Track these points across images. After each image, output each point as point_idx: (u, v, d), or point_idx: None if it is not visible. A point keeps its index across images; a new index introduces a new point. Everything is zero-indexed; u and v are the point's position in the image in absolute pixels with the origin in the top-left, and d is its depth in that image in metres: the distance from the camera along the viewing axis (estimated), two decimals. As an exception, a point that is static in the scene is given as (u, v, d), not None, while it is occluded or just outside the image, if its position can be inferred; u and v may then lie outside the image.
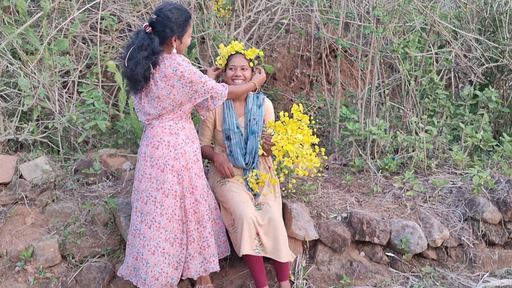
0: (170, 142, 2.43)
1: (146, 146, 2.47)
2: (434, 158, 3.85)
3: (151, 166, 2.43)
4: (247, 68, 2.74)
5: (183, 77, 2.35)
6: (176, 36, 2.38)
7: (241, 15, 4.51)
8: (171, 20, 2.35)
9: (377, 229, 2.99)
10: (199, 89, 2.40)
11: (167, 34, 2.36)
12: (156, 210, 2.43)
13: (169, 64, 2.34)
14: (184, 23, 2.39)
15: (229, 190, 2.68)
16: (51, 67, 3.37)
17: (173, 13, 2.36)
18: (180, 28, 2.38)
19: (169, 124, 2.44)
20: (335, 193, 3.28)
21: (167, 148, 2.42)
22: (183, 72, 2.34)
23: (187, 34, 2.42)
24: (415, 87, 4.00)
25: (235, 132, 2.76)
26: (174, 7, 2.38)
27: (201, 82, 2.39)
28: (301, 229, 2.87)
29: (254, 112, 2.81)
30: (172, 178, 2.43)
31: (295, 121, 2.52)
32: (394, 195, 3.35)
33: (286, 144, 2.43)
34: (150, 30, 2.35)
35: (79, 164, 3.13)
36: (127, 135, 3.52)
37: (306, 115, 2.59)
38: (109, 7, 4.02)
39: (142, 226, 2.44)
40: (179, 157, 2.44)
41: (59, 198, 2.94)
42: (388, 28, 3.68)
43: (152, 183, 2.43)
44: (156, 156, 2.42)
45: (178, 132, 2.45)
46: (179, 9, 2.39)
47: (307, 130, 2.52)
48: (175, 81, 2.35)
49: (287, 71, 5.54)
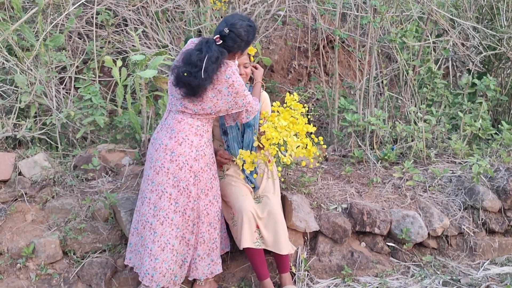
0: (194, 142, 2.44)
1: (170, 139, 2.44)
2: (433, 147, 3.85)
3: (171, 161, 2.43)
4: (248, 65, 2.73)
5: (233, 87, 2.38)
6: (240, 52, 2.44)
7: (238, 7, 4.49)
8: (243, 38, 2.37)
9: (377, 220, 3.00)
10: (239, 102, 2.45)
11: (235, 49, 2.40)
12: (171, 207, 2.43)
13: (224, 69, 2.36)
14: (252, 40, 2.44)
15: (228, 184, 2.68)
16: (47, 63, 3.35)
17: (246, 31, 2.37)
18: (248, 45, 2.45)
19: (197, 124, 2.45)
20: (335, 184, 3.28)
21: (190, 147, 2.43)
22: (234, 82, 2.38)
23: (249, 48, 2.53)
24: (413, 76, 3.99)
25: (231, 127, 2.75)
26: (248, 25, 2.38)
27: (244, 96, 2.44)
28: (302, 221, 2.87)
29: None
30: (189, 178, 2.44)
31: (287, 110, 2.51)
32: (394, 185, 3.35)
33: (271, 131, 2.43)
34: (220, 42, 2.35)
35: (78, 160, 3.12)
36: (125, 130, 3.50)
37: (301, 104, 2.59)
38: (105, 1, 3.99)
39: (154, 220, 2.43)
40: (199, 159, 2.45)
41: (58, 194, 2.93)
42: (386, 18, 3.66)
43: (169, 179, 2.43)
44: (177, 152, 2.42)
45: (203, 134, 2.48)
46: (252, 27, 2.40)
47: (301, 119, 2.51)
48: (224, 88, 2.38)
49: (284, 63, 5.53)
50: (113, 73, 3.48)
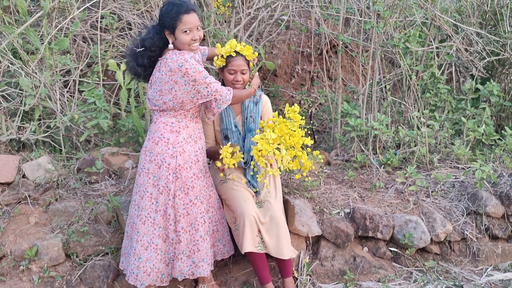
0: (170, 140, 2.43)
1: (148, 141, 2.49)
2: (436, 152, 3.85)
3: (150, 161, 2.45)
4: (246, 71, 2.69)
5: (187, 74, 2.34)
6: (167, 31, 2.38)
7: (241, 12, 4.50)
8: (162, 13, 2.38)
9: (380, 224, 2.99)
10: (202, 90, 2.39)
11: (161, 27, 2.39)
12: (152, 206, 2.45)
13: (176, 59, 2.34)
14: (173, 17, 2.33)
15: (230, 188, 2.68)
16: (52, 67, 3.37)
17: (164, 7, 2.38)
18: (168, 23, 2.35)
19: (171, 121, 2.44)
20: (337, 189, 3.28)
21: (166, 145, 2.43)
22: (188, 70, 2.33)
23: (179, 29, 2.34)
24: (416, 81, 3.99)
25: (233, 131, 2.74)
26: (169, 2, 2.38)
27: (204, 83, 2.38)
28: (304, 225, 2.87)
29: (251, 109, 2.79)
30: (168, 176, 2.43)
31: (284, 121, 2.46)
32: (397, 190, 3.35)
33: (261, 143, 2.39)
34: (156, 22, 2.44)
35: (81, 163, 3.13)
36: (128, 134, 3.52)
37: (300, 115, 2.52)
38: (109, 5, 4.01)
39: (137, 221, 2.46)
40: (177, 155, 2.44)
41: (62, 197, 2.94)
42: (389, 23, 3.67)
43: (149, 178, 2.45)
44: (155, 152, 2.44)
45: (180, 131, 2.45)
46: (171, 3, 2.36)
47: (299, 131, 2.46)
48: (179, 77, 2.34)
49: (287, 68, 5.52)
50: (117, 77, 3.51)
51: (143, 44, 2.40)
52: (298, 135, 2.45)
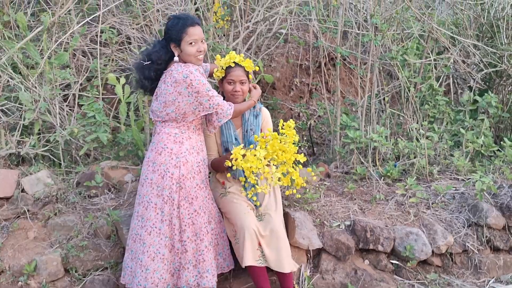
0: (173, 150, 2.45)
1: (151, 151, 2.51)
2: (436, 164, 3.85)
3: (153, 172, 2.45)
4: (245, 82, 2.71)
5: (191, 86, 2.38)
6: (173, 44, 2.44)
7: (240, 25, 4.53)
8: (167, 27, 2.45)
9: (381, 237, 2.98)
10: (204, 102, 2.43)
11: (167, 41, 2.46)
12: (157, 216, 2.45)
13: (181, 70, 2.40)
14: (178, 30, 2.40)
15: (230, 201, 2.67)
16: (51, 81, 3.38)
17: (169, 21, 2.46)
18: (174, 35, 2.42)
19: (174, 132, 2.47)
20: (337, 201, 3.27)
21: (169, 155, 2.44)
22: (192, 81, 2.38)
23: (184, 42, 2.41)
24: (414, 93, 4.01)
25: (233, 144, 2.74)
26: (174, 16, 2.49)
27: (207, 96, 2.42)
28: (305, 238, 2.85)
29: (251, 122, 2.80)
30: (171, 186, 2.44)
31: (276, 137, 2.43)
32: (397, 202, 3.34)
33: (251, 159, 2.35)
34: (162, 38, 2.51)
35: (80, 177, 3.12)
36: (128, 147, 3.52)
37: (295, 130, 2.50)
38: (109, 20, 4.04)
39: (142, 232, 2.45)
40: (180, 166, 2.45)
41: (61, 211, 2.93)
42: (387, 35, 3.70)
43: (153, 189, 2.45)
44: (158, 162, 2.44)
45: (183, 141, 2.48)
46: (177, 17, 2.46)
47: (292, 147, 2.43)
48: (183, 88, 2.39)
49: (286, 80, 5.54)
50: (116, 91, 3.52)
51: (150, 58, 2.46)
52: (291, 151, 2.43)
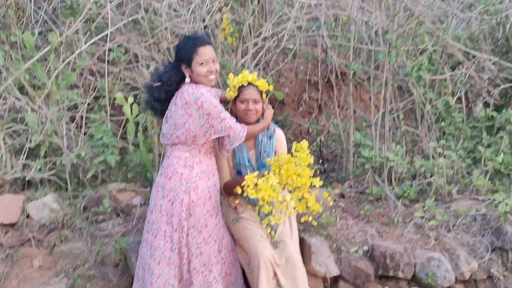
0: (183, 175, 2.35)
1: (160, 176, 2.41)
2: (454, 183, 3.71)
3: (162, 197, 2.35)
4: (259, 101, 2.61)
5: (202, 108, 2.29)
6: (183, 65, 2.37)
7: (248, 41, 4.47)
8: (178, 48, 2.39)
9: (401, 263, 2.84)
10: (215, 125, 2.33)
11: (178, 62, 2.40)
12: (167, 244, 2.34)
13: (192, 92, 2.31)
14: (188, 50, 2.34)
15: (243, 228, 2.55)
16: (58, 102, 3.31)
17: (180, 42, 2.41)
18: (185, 56, 2.36)
19: (185, 156, 2.37)
20: (354, 224, 3.14)
21: (179, 181, 2.34)
22: (203, 103, 2.29)
23: (195, 62, 2.35)
24: (430, 110, 3.89)
25: (246, 167, 2.63)
26: (185, 36, 2.43)
27: (219, 118, 2.32)
28: (322, 265, 2.72)
29: (264, 144, 2.68)
30: (181, 213, 2.33)
31: (290, 161, 2.30)
32: (416, 224, 3.20)
33: (265, 187, 2.22)
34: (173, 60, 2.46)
35: (88, 201, 3.02)
36: (136, 169, 3.42)
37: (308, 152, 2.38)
38: (117, 38, 3.98)
39: (151, 261, 2.34)
40: (190, 191, 2.34)
41: (67, 238, 2.82)
42: (401, 51, 3.60)
43: (162, 216, 2.35)
44: (167, 188, 2.35)
45: (194, 166, 2.37)
46: (187, 38, 2.40)
47: (307, 170, 2.29)
48: (194, 110, 2.30)
49: (295, 96, 5.48)
50: (124, 110, 3.43)
51: (160, 79, 2.39)
52: (306, 175, 2.31)
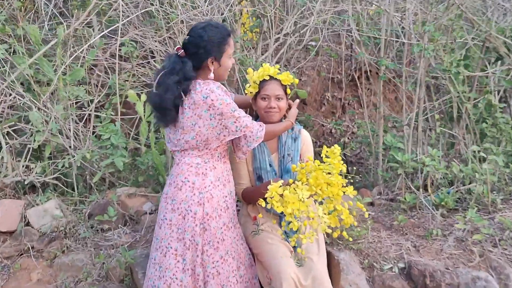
0: (196, 184, 2.05)
1: (169, 186, 2.11)
2: (497, 191, 3.34)
3: (172, 211, 2.06)
4: (282, 98, 2.31)
5: (213, 107, 1.98)
6: (213, 57, 2.04)
7: (269, 37, 4.20)
8: (204, 38, 2.01)
9: (442, 283, 2.50)
10: (229, 125, 2.02)
11: (202, 56, 2.03)
12: (178, 264, 2.03)
13: (200, 89, 1.99)
14: (220, 41, 2.03)
15: (263, 242, 2.25)
16: (65, 99, 3.08)
17: (206, 31, 2.02)
18: (216, 48, 2.03)
19: (196, 162, 2.07)
20: (387, 237, 2.81)
21: (191, 191, 2.04)
22: (214, 101, 1.98)
23: (226, 54, 2.07)
24: (470, 110, 3.53)
25: (267, 171, 2.34)
26: (208, 24, 2.05)
27: (233, 117, 2.02)
28: (352, 285, 2.41)
29: (288, 146, 2.38)
30: (194, 228, 2.03)
31: (320, 168, 1.98)
32: (457, 238, 2.85)
33: (292, 201, 1.90)
34: (183, 53, 2.04)
35: (93, 208, 2.78)
36: (148, 172, 3.17)
37: (340, 158, 2.05)
38: (130, 32, 3.75)
39: (161, 283, 2.04)
40: (204, 203, 2.04)
41: (69, 248, 2.57)
42: (439, 46, 3.25)
43: (172, 231, 2.05)
44: (178, 199, 2.05)
45: (207, 173, 2.07)
46: (214, 26, 2.06)
47: (338, 178, 1.97)
48: (203, 111, 1.99)
49: (317, 95, 5.24)
50: (137, 108, 3.18)
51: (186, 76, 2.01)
52: (338, 184, 1.99)
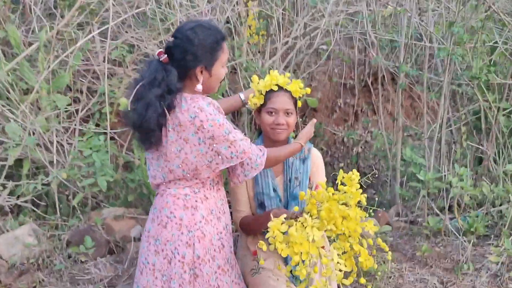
0: (184, 220, 1.67)
1: (152, 222, 1.73)
2: (533, 215, 2.95)
3: (156, 253, 1.69)
4: (292, 112, 1.95)
5: (202, 129, 1.60)
6: (203, 66, 1.65)
7: (277, 41, 3.89)
8: (194, 42, 1.62)
9: (477, 330, 2.12)
10: (223, 151, 1.64)
11: (190, 63, 1.63)
12: None
13: (186, 107, 1.61)
14: (213, 46, 1.65)
15: (265, 283, 1.88)
16: (48, 108, 2.77)
17: (196, 33, 1.62)
18: (208, 54, 1.64)
19: (184, 193, 1.68)
20: (409, 270, 2.44)
21: (179, 229, 1.67)
22: (203, 122, 1.60)
23: (219, 62, 1.68)
24: (501, 122, 3.14)
25: (271, 198, 1.97)
26: (198, 25, 1.65)
27: (227, 141, 1.63)
28: (369, 332, 2.04)
29: (296, 168, 2.01)
30: (182, 274, 1.65)
31: (334, 198, 1.61)
32: (491, 272, 2.47)
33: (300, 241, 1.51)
34: (166, 58, 1.63)
35: (73, 234, 2.44)
36: (138, 190, 2.83)
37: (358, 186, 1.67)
38: (125, 35, 3.43)
39: None
40: (194, 243, 1.66)
41: (42, 283, 2.23)
42: (468, 50, 2.88)
43: (156, 279, 1.68)
44: (162, 239, 1.68)
45: (197, 205, 1.69)
46: (206, 28, 1.66)
47: (356, 211, 1.58)
48: (191, 134, 1.61)
49: (328, 102, 4.87)
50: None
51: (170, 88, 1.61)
52: (356, 218, 1.61)
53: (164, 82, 1.59)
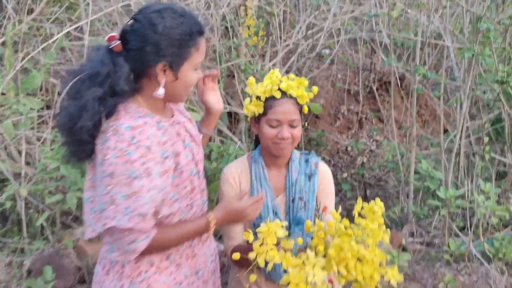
0: (126, 268, 1.26)
1: (99, 264, 1.33)
2: None
3: None
4: (297, 123, 1.61)
5: (105, 162, 1.15)
6: (165, 62, 1.21)
7: (278, 43, 3.64)
8: (157, 29, 1.18)
9: None
10: (118, 200, 1.14)
11: (148, 56, 1.19)
12: None
13: (107, 126, 1.18)
14: (184, 39, 1.21)
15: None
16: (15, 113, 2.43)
17: (163, 18, 1.19)
18: (175, 49, 1.21)
19: None
20: (431, 306, 2.10)
21: (119, 278, 1.26)
22: (109, 152, 1.14)
23: (190, 62, 1.24)
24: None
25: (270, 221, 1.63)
26: (168, 8, 1.21)
27: (127, 186, 1.14)
28: None
29: (301, 186, 1.63)
30: None
31: (348, 233, 1.26)
32: (527, 308, 2.12)
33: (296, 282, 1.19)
34: (119, 46, 1.19)
35: (35, 260, 2.08)
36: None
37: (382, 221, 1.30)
38: (109, 33, 3.12)
39: None
40: None
41: (-7, 323, 1.89)
42: (495, 50, 2.55)
43: None
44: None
45: None
46: (178, 14, 1.22)
47: (376, 253, 1.24)
48: (98, 163, 1.18)
49: (331, 108, 4.70)
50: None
51: (115, 88, 1.18)
52: (375, 261, 1.26)
53: (109, 78, 1.16)
